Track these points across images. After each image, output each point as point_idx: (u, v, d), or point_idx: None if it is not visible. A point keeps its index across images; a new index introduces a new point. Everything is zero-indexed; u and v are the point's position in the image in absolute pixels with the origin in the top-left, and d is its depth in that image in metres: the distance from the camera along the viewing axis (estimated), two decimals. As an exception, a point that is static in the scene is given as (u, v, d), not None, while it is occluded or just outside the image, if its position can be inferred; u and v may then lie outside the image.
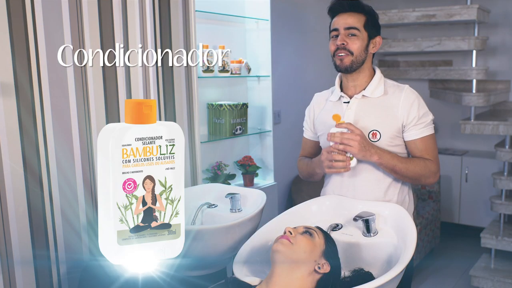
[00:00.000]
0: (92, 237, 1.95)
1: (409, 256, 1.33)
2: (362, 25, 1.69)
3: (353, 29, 1.68)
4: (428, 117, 1.70)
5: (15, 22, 1.65)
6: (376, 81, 1.74)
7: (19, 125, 1.68)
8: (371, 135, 1.68)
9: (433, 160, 1.70)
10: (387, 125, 1.68)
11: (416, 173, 1.67)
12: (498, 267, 3.40)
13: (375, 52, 1.76)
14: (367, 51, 1.71)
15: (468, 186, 4.29)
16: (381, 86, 1.73)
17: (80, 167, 1.88)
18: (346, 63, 1.69)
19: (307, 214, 1.70)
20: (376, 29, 1.74)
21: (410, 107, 1.67)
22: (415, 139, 1.69)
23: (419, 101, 1.70)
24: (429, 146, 1.70)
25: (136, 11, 2.00)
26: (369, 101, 1.72)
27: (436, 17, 3.67)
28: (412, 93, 1.71)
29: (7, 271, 1.69)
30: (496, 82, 4.39)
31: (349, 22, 1.69)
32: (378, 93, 1.72)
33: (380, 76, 1.76)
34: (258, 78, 3.00)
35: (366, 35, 1.70)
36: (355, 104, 1.73)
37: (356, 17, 1.69)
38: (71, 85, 1.82)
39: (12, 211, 1.69)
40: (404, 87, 1.72)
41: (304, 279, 1.30)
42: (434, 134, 1.73)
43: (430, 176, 1.69)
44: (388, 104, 1.70)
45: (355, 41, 1.68)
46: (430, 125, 1.71)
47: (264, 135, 3.03)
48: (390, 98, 1.71)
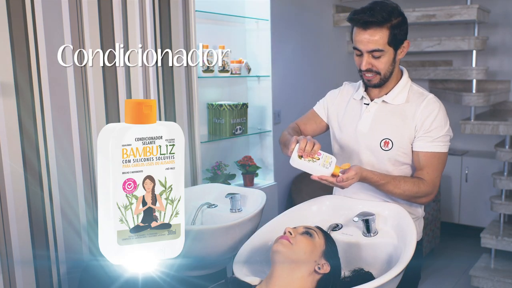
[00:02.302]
0: (92, 237, 1.95)
1: (409, 256, 1.33)
2: (385, 43, 1.53)
3: (376, 51, 1.54)
4: (441, 132, 1.57)
5: (15, 22, 1.65)
6: (400, 87, 1.64)
7: (19, 125, 1.68)
8: (383, 143, 1.62)
9: (429, 180, 1.59)
10: (401, 135, 1.61)
11: (403, 195, 1.59)
12: (498, 267, 3.40)
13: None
14: (395, 62, 1.60)
15: (468, 186, 4.29)
16: (405, 93, 1.63)
17: (80, 167, 1.88)
18: (374, 82, 1.60)
19: (307, 214, 1.70)
20: (402, 36, 1.57)
21: (426, 118, 1.57)
22: (419, 151, 1.59)
23: (437, 113, 1.58)
24: (432, 165, 1.59)
25: (136, 11, 2.00)
26: (388, 107, 1.64)
27: (436, 17, 3.66)
28: (433, 103, 1.59)
29: (7, 271, 1.69)
30: (496, 82, 4.39)
31: (370, 45, 1.53)
32: (399, 100, 1.63)
33: (406, 81, 1.65)
34: (258, 78, 3.00)
35: (391, 50, 1.56)
36: (374, 108, 1.65)
37: (379, 35, 1.52)
38: (71, 85, 1.82)
39: (12, 211, 1.69)
40: (427, 97, 1.61)
41: (304, 279, 1.30)
42: (443, 154, 1.59)
43: (422, 197, 1.61)
44: (407, 112, 1.61)
45: (381, 61, 1.56)
46: (441, 141, 1.58)
47: (264, 135, 3.03)
48: (410, 107, 1.61)
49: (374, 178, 1.56)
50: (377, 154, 1.66)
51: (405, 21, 1.58)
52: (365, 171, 1.55)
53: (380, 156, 1.65)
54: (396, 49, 1.58)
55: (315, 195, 1.82)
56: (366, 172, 1.55)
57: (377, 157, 1.66)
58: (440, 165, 1.61)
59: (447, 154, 1.63)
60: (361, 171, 1.53)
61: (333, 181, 1.50)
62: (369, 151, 1.67)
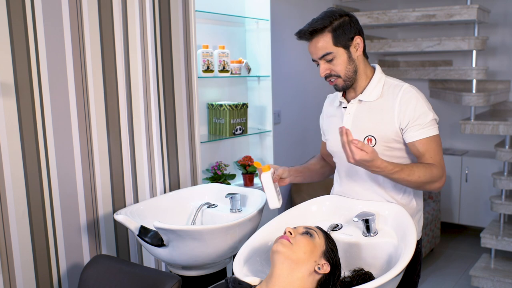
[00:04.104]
0: (92, 237, 1.95)
1: (409, 256, 1.33)
2: (332, 45, 1.58)
3: (326, 55, 1.59)
4: (427, 117, 1.58)
5: (15, 22, 1.65)
6: (374, 83, 1.65)
7: (19, 125, 1.68)
8: (366, 140, 1.63)
9: (437, 164, 1.58)
10: (382, 130, 1.61)
11: (419, 182, 1.56)
12: (498, 267, 3.40)
13: (365, 51, 1.67)
14: (353, 60, 1.62)
15: (468, 186, 4.29)
16: (379, 88, 1.65)
17: (80, 167, 1.88)
18: (340, 85, 1.64)
19: (307, 214, 1.70)
20: (350, 34, 1.60)
21: (406, 108, 1.58)
22: (413, 141, 1.59)
23: (416, 101, 1.58)
24: (431, 149, 1.59)
25: (136, 11, 2.00)
26: (366, 105, 1.65)
27: (436, 17, 3.66)
28: (409, 92, 1.60)
29: (7, 271, 1.69)
30: (496, 82, 4.39)
31: (319, 52, 1.59)
32: (374, 96, 1.64)
33: (380, 77, 1.67)
34: (258, 78, 3.00)
35: (342, 50, 1.59)
36: (353, 109, 1.67)
37: (322, 40, 1.58)
38: (71, 85, 1.82)
39: (12, 211, 1.69)
40: (403, 87, 1.62)
41: (304, 280, 1.30)
42: (437, 136, 1.60)
43: (435, 181, 1.58)
44: (385, 106, 1.62)
45: (335, 63, 1.60)
46: (431, 126, 1.59)
47: (264, 135, 3.03)
48: (388, 100, 1.62)
49: (388, 167, 1.51)
50: None
51: (351, 20, 1.61)
52: (380, 160, 1.50)
53: None
54: (346, 48, 1.60)
55: (315, 195, 1.82)
56: (380, 161, 1.50)
57: None
58: (438, 147, 1.61)
59: (440, 137, 1.64)
60: (377, 157, 1.49)
61: (351, 140, 1.44)
62: None
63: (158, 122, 2.11)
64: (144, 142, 2.08)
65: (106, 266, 1.67)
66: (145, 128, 2.08)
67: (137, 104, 2.04)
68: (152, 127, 2.09)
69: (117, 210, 1.99)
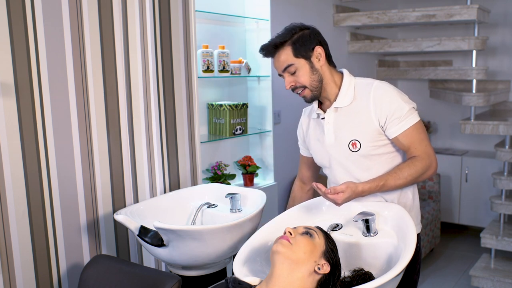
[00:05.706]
0: (92, 237, 1.95)
1: (409, 256, 1.33)
2: (293, 57, 1.61)
3: (288, 67, 1.62)
4: (404, 109, 1.59)
5: (15, 22, 1.65)
6: (345, 88, 1.66)
7: (19, 125, 1.68)
8: (351, 145, 1.65)
9: (421, 154, 1.60)
10: (364, 131, 1.63)
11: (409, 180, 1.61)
12: (498, 267, 3.40)
13: (328, 59, 1.68)
14: (316, 70, 1.64)
15: (468, 186, 4.29)
16: (350, 92, 1.66)
17: (80, 167, 1.88)
18: (308, 96, 1.66)
19: (307, 214, 1.71)
20: (310, 45, 1.62)
21: (381, 104, 1.60)
22: (396, 136, 1.61)
23: (390, 95, 1.60)
24: (414, 139, 1.60)
25: (136, 11, 2.00)
26: (343, 111, 1.67)
27: (436, 17, 3.66)
28: (380, 89, 1.62)
29: (7, 271, 1.69)
30: (496, 82, 4.39)
31: (282, 65, 1.62)
32: (348, 101, 1.65)
33: (349, 80, 1.68)
34: (258, 78, 3.00)
35: (303, 61, 1.62)
36: (331, 118, 1.69)
37: (284, 53, 1.62)
38: (71, 85, 1.82)
39: (12, 211, 1.69)
40: (373, 84, 1.64)
41: (304, 280, 1.30)
42: (417, 123, 1.61)
43: (425, 172, 1.61)
44: (360, 108, 1.64)
45: (299, 75, 1.62)
46: (409, 115, 1.59)
47: (264, 135, 3.03)
48: (361, 101, 1.64)
49: (372, 187, 1.58)
50: (352, 159, 1.67)
51: (311, 32, 1.65)
52: (360, 185, 1.57)
53: (355, 159, 1.66)
54: (308, 59, 1.63)
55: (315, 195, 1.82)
56: (361, 186, 1.57)
57: (353, 162, 1.67)
58: (421, 134, 1.62)
59: (421, 121, 1.64)
60: (355, 186, 1.55)
61: (325, 192, 1.52)
62: (344, 159, 1.68)
63: (158, 122, 2.11)
64: (144, 142, 2.08)
65: (106, 266, 1.67)
66: (145, 128, 2.08)
67: (137, 104, 2.04)
68: (152, 127, 2.09)
69: (117, 210, 1.99)
